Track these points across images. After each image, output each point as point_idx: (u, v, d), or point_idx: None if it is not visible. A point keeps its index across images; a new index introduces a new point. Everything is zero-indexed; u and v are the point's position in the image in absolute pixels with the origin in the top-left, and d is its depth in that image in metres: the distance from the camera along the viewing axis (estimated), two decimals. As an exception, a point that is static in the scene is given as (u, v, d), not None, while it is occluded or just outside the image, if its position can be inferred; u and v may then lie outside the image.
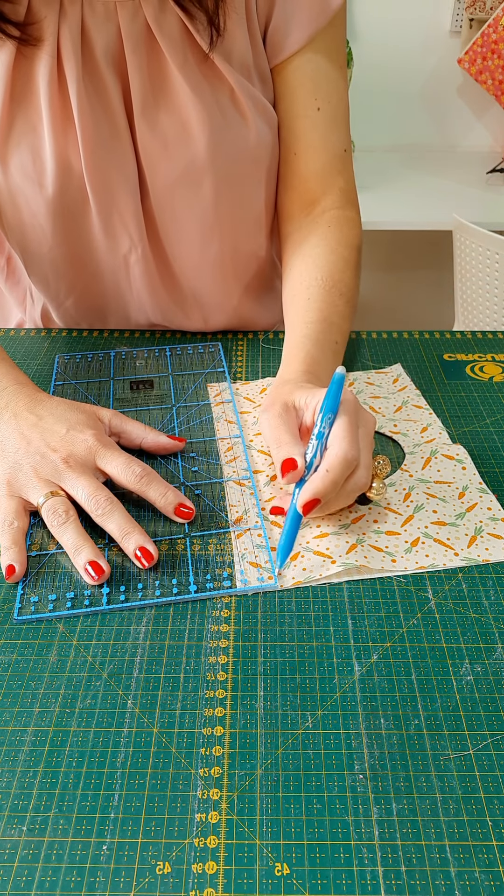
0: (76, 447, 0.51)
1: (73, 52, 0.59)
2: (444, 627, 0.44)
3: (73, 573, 0.48)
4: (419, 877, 0.33)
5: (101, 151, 0.62)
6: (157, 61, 0.61)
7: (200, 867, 0.34)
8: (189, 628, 0.45)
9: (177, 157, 0.63)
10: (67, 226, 0.67)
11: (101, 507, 0.49)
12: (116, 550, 0.49)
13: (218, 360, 0.71)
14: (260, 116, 0.65)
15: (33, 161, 0.62)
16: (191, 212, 0.67)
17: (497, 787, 0.36)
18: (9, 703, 0.41)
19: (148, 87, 0.61)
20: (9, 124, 0.61)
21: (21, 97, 0.61)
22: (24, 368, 0.70)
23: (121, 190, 0.65)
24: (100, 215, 0.66)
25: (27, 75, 0.61)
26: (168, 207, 0.67)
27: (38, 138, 0.62)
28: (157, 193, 0.66)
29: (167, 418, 0.63)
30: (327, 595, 0.47)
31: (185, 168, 0.64)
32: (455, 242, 1.66)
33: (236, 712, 0.40)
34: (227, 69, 0.62)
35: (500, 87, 2.09)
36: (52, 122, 0.61)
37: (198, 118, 0.62)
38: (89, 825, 0.35)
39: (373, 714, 0.40)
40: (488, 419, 0.62)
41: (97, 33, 0.60)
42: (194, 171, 0.64)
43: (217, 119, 0.62)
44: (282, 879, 0.33)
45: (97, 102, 0.61)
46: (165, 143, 0.63)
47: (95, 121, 0.61)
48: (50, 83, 0.60)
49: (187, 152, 0.63)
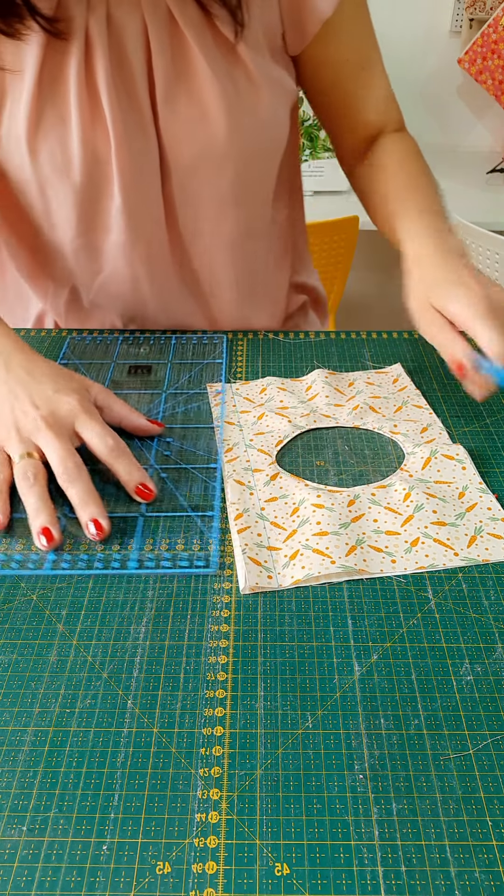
0: (59, 407, 0.54)
1: (102, 44, 0.61)
2: (444, 627, 0.44)
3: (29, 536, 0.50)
4: (419, 877, 0.33)
5: (129, 140, 0.64)
6: (181, 46, 0.63)
7: (200, 867, 0.34)
8: (189, 628, 0.45)
9: (197, 140, 0.65)
10: (93, 214, 0.68)
11: (69, 472, 0.51)
12: (75, 521, 0.52)
13: (219, 351, 0.72)
14: (275, 94, 0.67)
15: (62, 151, 0.63)
16: (209, 192, 0.69)
17: (497, 787, 0.36)
18: (9, 703, 0.41)
19: (171, 73, 0.63)
20: (38, 116, 0.62)
21: (50, 90, 0.62)
22: (24, 368, 0.70)
23: (145, 175, 0.66)
24: (124, 203, 0.67)
25: (56, 69, 0.62)
26: (187, 189, 0.69)
27: (67, 129, 0.63)
28: (178, 176, 0.67)
29: (154, 403, 0.65)
30: (327, 595, 0.47)
31: (205, 150, 0.66)
32: (455, 242, 1.65)
33: (236, 712, 0.40)
34: (244, 49, 0.64)
35: (500, 87, 2.09)
36: (81, 114, 0.62)
37: (217, 101, 0.63)
38: (89, 825, 0.35)
39: (373, 714, 0.40)
40: (488, 419, 0.62)
41: (124, 25, 0.61)
42: (214, 153, 0.66)
43: (234, 100, 0.64)
44: (282, 879, 0.33)
45: (124, 93, 0.63)
46: (186, 127, 0.64)
47: (122, 110, 0.63)
48: (79, 75, 0.61)
49: (206, 134, 0.65)
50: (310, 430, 0.61)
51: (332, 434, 0.61)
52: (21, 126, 0.62)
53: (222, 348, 0.73)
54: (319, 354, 0.72)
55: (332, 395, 0.65)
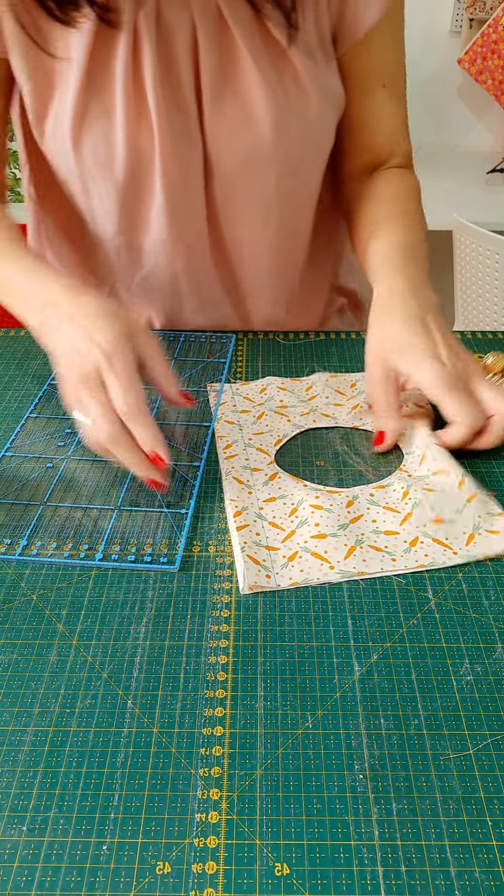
0: (84, 360, 0.51)
1: (150, 40, 0.61)
2: (444, 627, 0.44)
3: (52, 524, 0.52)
4: (419, 877, 0.33)
5: (174, 139, 0.64)
6: (229, 47, 0.63)
7: (200, 867, 0.34)
8: (189, 628, 0.45)
9: (242, 141, 0.65)
10: (134, 213, 0.68)
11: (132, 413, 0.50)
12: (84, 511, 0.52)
13: (224, 351, 0.73)
14: (325, 98, 0.66)
15: (105, 146, 0.64)
16: (252, 195, 0.69)
17: (497, 787, 0.36)
18: (9, 703, 0.41)
19: (218, 72, 0.63)
20: (83, 108, 0.62)
21: (97, 82, 0.62)
22: (23, 368, 0.70)
23: (189, 176, 0.66)
24: (166, 202, 0.67)
25: (104, 61, 0.62)
26: (230, 191, 0.68)
27: (112, 124, 0.63)
28: (222, 178, 0.67)
29: (151, 398, 0.64)
30: (327, 595, 0.47)
31: (250, 152, 0.65)
32: (455, 242, 1.66)
33: (236, 712, 0.40)
34: (295, 53, 0.63)
35: (500, 87, 2.09)
36: (126, 109, 0.62)
37: (263, 103, 0.63)
38: (89, 825, 0.35)
39: (373, 714, 0.40)
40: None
41: (173, 21, 0.61)
42: (258, 156, 0.66)
43: (282, 103, 0.64)
44: (282, 879, 0.33)
45: (170, 91, 0.63)
46: (231, 128, 0.64)
47: (168, 108, 0.63)
48: (126, 70, 0.61)
49: (252, 137, 0.64)
50: (309, 429, 0.61)
51: (333, 434, 0.61)
52: (67, 117, 0.62)
53: (228, 348, 0.73)
54: (319, 354, 0.72)
55: (332, 396, 0.65)
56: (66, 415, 0.62)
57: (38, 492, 0.55)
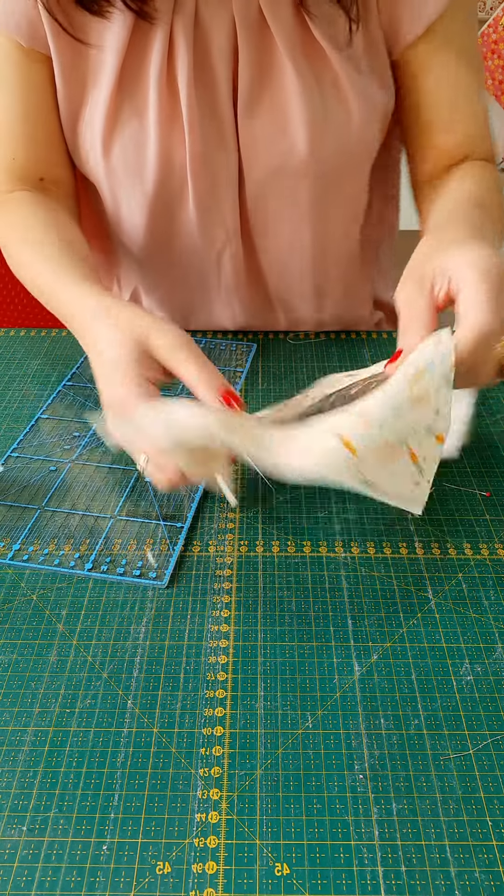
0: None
1: (186, 44, 0.59)
2: (444, 627, 0.44)
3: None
4: (419, 877, 0.33)
5: (207, 147, 0.62)
6: (268, 51, 0.60)
7: (200, 867, 0.34)
8: (189, 628, 0.45)
9: (275, 151, 0.63)
10: (163, 220, 0.67)
11: None
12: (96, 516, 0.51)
13: (243, 360, 0.72)
14: (367, 109, 0.63)
15: (136, 153, 0.62)
16: (285, 204, 0.67)
17: (497, 787, 0.36)
18: (9, 703, 0.41)
19: (256, 77, 0.61)
20: (116, 110, 0.61)
21: (130, 83, 0.61)
22: (24, 368, 0.70)
23: (222, 184, 0.65)
24: (198, 210, 0.66)
25: (138, 60, 0.61)
26: (263, 199, 0.67)
27: (144, 129, 0.62)
28: (254, 185, 0.66)
29: None
30: (327, 595, 0.47)
31: (283, 161, 0.63)
32: (455, 242, 1.65)
33: (236, 712, 0.40)
34: (338, 59, 0.60)
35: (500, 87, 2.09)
36: (159, 111, 0.61)
37: (300, 112, 0.61)
38: (89, 825, 0.35)
39: (373, 714, 0.40)
40: (488, 419, 0.62)
41: (211, 23, 0.59)
42: (292, 165, 0.64)
43: (319, 114, 0.61)
44: (282, 879, 0.33)
45: (205, 96, 0.61)
46: (265, 136, 0.63)
47: (202, 116, 0.61)
48: (160, 70, 0.60)
49: (286, 147, 0.63)
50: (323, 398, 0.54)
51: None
52: (99, 119, 0.62)
53: (248, 357, 0.72)
54: (319, 354, 0.72)
55: (339, 381, 0.58)
56: (75, 418, 0.63)
57: (37, 495, 0.54)
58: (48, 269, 0.57)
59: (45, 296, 0.58)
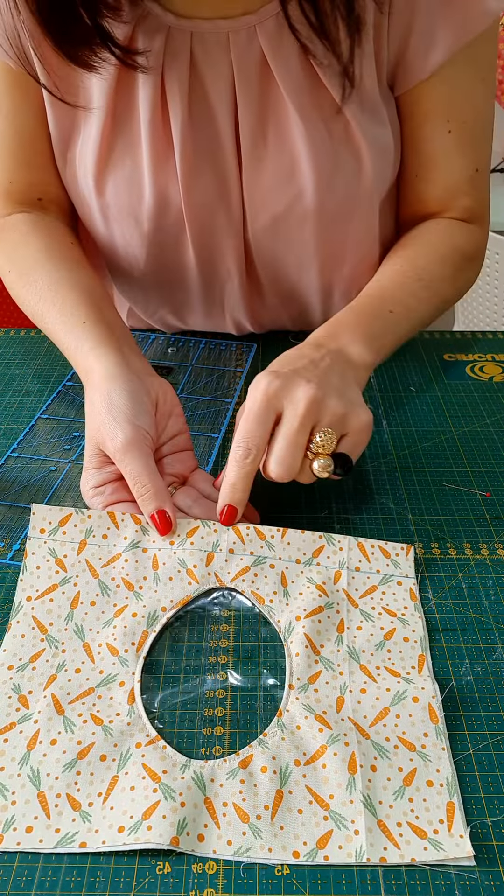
0: None
1: (180, 86, 0.56)
2: (444, 627, 0.44)
3: None
4: (419, 877, 0.33)
5: (206, 197, 0.61)
6: (271, 95, 0.57)
7: (200, 867, 0.34)
8: (189, 628, 0.45)
9: (281, 196, 0.60)
10: (161, 256, 0.66)
11: None
12: None
13: (243, 360, 0.72)
14: (379, 157, 0.60)
15: (129, 193, 0.61)
16: (291, 245, 0.65)
17: (497, 787, 0.36)
18: (9, 703, 0.41)
19: (258, 123, 0.58)
20: (108, 150, 0.60)
21: (122, 125, 0.59)
22: (24, 368, 0.70)
23: (222, 228, 0.63)
24: (197, 249, 0.65)
25: (129, 105, 0.58)
26: (267, 241, 0.65)
27: (138, 170, 0.60)
28: (258, 230, 0.63)
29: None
30: (327, 595, 0.47)
31: (289, 208, 0.61)
32: (455, 242, 1.65)
33: (236, 712, 0.40)
34: (348, 105, 0.57)
35: (500, 86, 2.09)
36: (154, 158, 0.59)
37: (307, 157, 0.58)
38: (89, 825, 0.35)
39: (373, 714, 0.40)
40: (488, 419, 0.62)
41: (207, 68, 0.56)
42: (298, 211, 0.61)
43: (328, 158, 0.58)
44: (282, 879, 0.33)
45: (203, 140, 0.59)
46: (271, 181, 0.60)
47: (198, 165, 0.59)
48: (153, 118, 0.57)
49: (293, 192, 0.60)
50: None
51: None
52: (91, 156, 0.60)
53: (248, 358, 0.72)
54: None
55: None
56: (75, 418, 0.63)
57: (37, 495, 0.54)
58: (50, 319, 0.58)
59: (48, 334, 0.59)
